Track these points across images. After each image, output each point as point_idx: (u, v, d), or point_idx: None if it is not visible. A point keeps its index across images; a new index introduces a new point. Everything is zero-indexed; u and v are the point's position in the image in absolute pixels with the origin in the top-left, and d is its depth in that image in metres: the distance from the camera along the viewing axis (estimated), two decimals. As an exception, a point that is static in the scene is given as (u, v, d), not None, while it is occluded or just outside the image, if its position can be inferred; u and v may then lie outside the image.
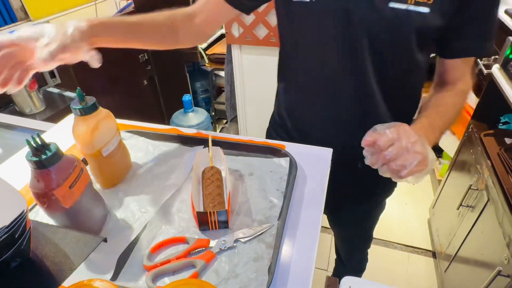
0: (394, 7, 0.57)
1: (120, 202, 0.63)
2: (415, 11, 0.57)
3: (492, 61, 1.30)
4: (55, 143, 0.49)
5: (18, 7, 1.73)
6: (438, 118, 0.66)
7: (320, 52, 0.67)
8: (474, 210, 1.20)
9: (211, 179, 0.63)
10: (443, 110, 0.67)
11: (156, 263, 0.51)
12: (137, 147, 0.77)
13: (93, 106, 0.59)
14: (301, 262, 0.52)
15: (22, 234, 0.35)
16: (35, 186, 0.47)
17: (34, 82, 1.25)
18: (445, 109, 0.67)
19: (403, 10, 0.57)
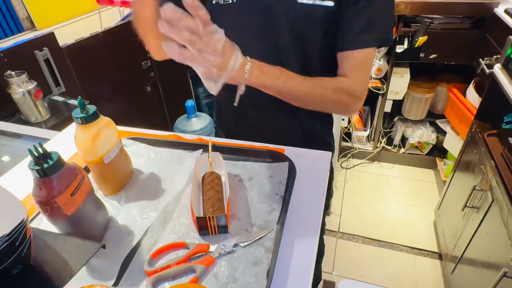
0: (303, 2, 0.65)
1: (122, 208, 0.64)
2: (321, 5, 0.64)
3: (494, 61, 1.30)
4: (56, 151, 0.50)
5: (24, 16, 1.77)
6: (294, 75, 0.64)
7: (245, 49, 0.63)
8: (479, 211, 1.19)
9: (211, 184, 0.64)
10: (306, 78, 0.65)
11: (156, 269, 0.52)
12: (139, 153, 0.78)
13: (94, 115, 0.60)
14: (300, 266, 0.52)
15: (23, 241, 0.36)
16: (38, 194, 0.48)
17: (39, 91, 1.27)
18: (310, 79, 0.66)
19: (310, 5, 0.65)
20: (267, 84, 0.61)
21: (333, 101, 0.69)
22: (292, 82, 0.63)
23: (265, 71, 0.60)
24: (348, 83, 0.69)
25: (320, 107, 0.71)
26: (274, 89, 0.63)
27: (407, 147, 2.21)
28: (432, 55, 1.74)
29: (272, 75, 0.61)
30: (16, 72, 1.23)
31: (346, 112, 0.75)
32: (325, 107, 0.72)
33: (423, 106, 2.02)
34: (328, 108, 0.73)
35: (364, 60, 0.69)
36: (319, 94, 0.67)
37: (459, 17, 1.65)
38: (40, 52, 1.37)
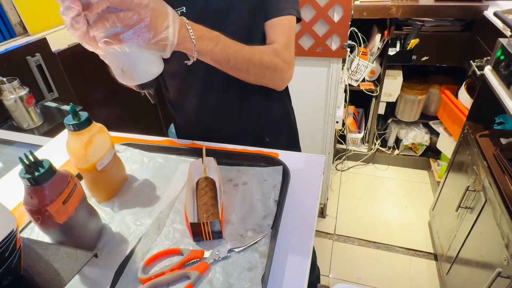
0: None
1: (115, 215, 0.63)
2: None
3: (485, 63, 1.31)
4: (48, 159, 0.49)
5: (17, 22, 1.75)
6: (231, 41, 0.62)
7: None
8: (473, 212, 1.20)
9: (205, 190, 0.64)
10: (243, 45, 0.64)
11: (150, 276, 0.51)
12: (132, 159, 0.77)
13: (86, 121, 0.59)
14: (295, 270, 0.52)
15: (13, 252, 0.35)
16: (29, 203, 0.47)
17: (31, 97, 1.26)
18: (247, 46, 0.65)
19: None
20: (205, 50, 0.56)
21: (270, 67, 0.69)
22: (231, 49, 0.61)
23: (204, 35, 0.56)
24: (279, 47, 0.71)
25: (258, 75, 0.69)
26: (211, 57, 0.59)
27: (401, 149, 2.23)
28: (424, 57, 1.76)
29: (211, 40, 0.57)
30: (8, 78, 1.22)
31: (281, 82, 0.76)
32: (263, 76, 0.70)
33: (416, 107, 2.03)
34: (265, 77, 0.71)
35: (288, 27, 0.73)
36: (258, 60, 0.66)
37: (450, 20, 1.67)
38: (32, 58, 1.37)
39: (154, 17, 0.45)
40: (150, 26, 0.45)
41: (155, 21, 0.45)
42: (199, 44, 0.55)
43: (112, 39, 0.44)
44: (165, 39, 0.48)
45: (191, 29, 0.53)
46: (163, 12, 0.47)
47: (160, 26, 0.46)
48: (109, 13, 0.42)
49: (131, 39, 0.44)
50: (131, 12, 0.43)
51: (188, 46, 0.54)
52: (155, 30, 0.46)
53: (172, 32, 0.48)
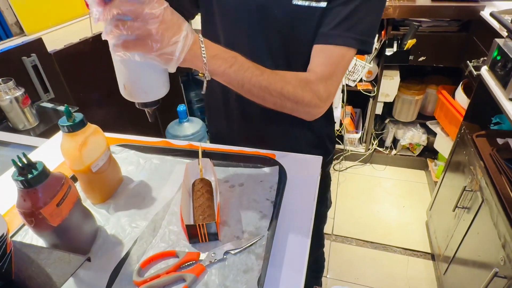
0: (298, 4, 0.63)
1: (111, 217, 0.63)
2: (316, 6, 0.63)
3: (481, 63, 1.32)
4: (41, 161, 0.49)
5: (13, 22, 1.74)
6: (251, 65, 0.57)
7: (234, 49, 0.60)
8: (470, 212, 1.20)
9: (201, 191, 0.64)
10: (266, 70, 0.59)
11: (145, 279, 0.51)
12: (128, 160, 0.77)
13: (80, 123, 0.59)
14: (291, 272, 0.52)
15: (3, 257, 0.35)
16: (22, 206, 0.47)
17: (27, 97, 1.25)
18: (271, 72, 0.59)
19: (305, 7, 0.63)
20: (217, 71, 0.54)
21: (293, 99, 0.61)
22: (247, 73, 0.56)
23: (218, 55, 0.53)
24: (313, 79, 0.62)
25: (276, 105, 0.62)
26: (224, 79, 0.56)
27: (398, 149, 2.23)
28: (421, 57, 1.76)
29: (226, 60, 0.54)
30: (3, 78, 1.21)
31: (306, 115, 0.66)
32: (283, 107, 0.62)
33: (413, 108, 2.04)
34: (286, 108, 0.63)
35: (339, 59, 0.64)
36: (278, 90, 0.59)
37: (446, 20, 1.67)
38: (28, 58, 1.36)
39: (163, 30, 0.45)
40: (156, 38, 0.45)
41: (163, 34, 0.45)
42: (211, 64, 0.52)
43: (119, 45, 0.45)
44: (171, 53, 0.47)
45: (203, 48, 0.51)
46: (176, 26, 0.47)
47: (167, 39, 0.46)
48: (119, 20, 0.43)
49: (134, 46, 0.45)
50: (139, 21, 0.43)
51: (199, 65, 0.52)
52: (162, 42, 0.45)
53: (180, 48, 0.47)
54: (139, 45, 0.45)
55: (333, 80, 0.64)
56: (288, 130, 0.82)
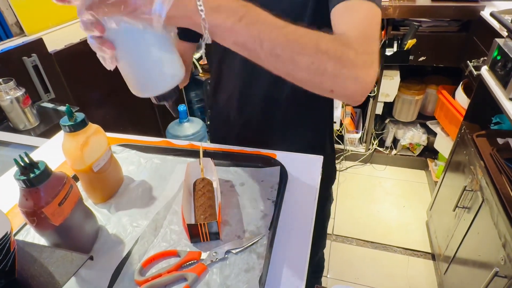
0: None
1: (112, 216, 0.63)
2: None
3: (481, 63, 1.32)
4: (43, 161, 0.49)
5: (13, 22, 1.74)
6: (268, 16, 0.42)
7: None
8: (470, 211, 1.20)
9: (202, 191, 0.64)
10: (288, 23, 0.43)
11: (147, 278, 0.51)
12: (129, 160, 0.77)
13: (82, 122, 0.59)
14: (292, 271, 0.52)
15: (7, 255, 0.35)
16: (24, 205, 0.47)
17: (27, 98, 1.25)
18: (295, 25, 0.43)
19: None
20: (222, 27, 0.40)
21: (334, 56, 0.43)
22: (265, 26, 0.41)
23: (222, 5, 0.39)
24: (354, 36, 0.47)
25: (313, 69, 0.42)
26: (233, 38, 0.41)
27: (398, 149, 2.23)
28: (421, 57, 1.76)
29: (233, 12, 0.40)
30: (4, 79, 1.21)
31: (354, 83, 0.45)
32: (322, 71, 0.43)
33: (413, 108, 2.04)
34: (326, 72, 0.43)
35: (370, 15, 0.50)
36: (312, 45, 0.42)
37: (446, 20, 1.67)
38: (28, 59, 1.36)
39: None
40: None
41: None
42: (213, 18, 0.39)
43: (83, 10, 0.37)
44: (148, 12, 0.37)
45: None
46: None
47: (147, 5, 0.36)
48: None
49: (98, 8, 0.36)
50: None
51: (195, 21, 0.39)
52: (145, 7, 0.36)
53: (159, 2, 0.36)
54: (108, 6, 0.36)
55: (374, 39, 0.49)
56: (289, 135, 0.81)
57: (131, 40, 0.41)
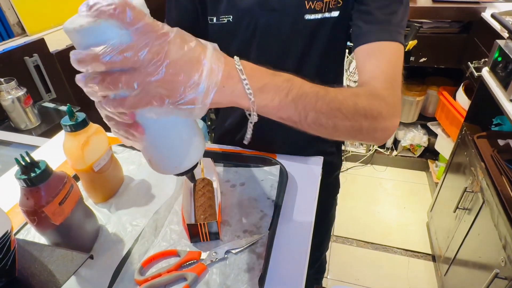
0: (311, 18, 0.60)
1: (112, 216, 0.63)
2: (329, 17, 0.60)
3: (482, 64, 1.32)
4: (44, 160, 0.49)
5: (15, 22, 1.74)
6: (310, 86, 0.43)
7: None
8: (471, 213, 1.20)
9: (203, 191, 0.64)
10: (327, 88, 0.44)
11: (147, 277, 0.51)
12: (130, 160, 0.77)
13: (83, 122, 0.59)
14: (292, 272, 0.52)
15: (7, 254, 0.35)
16: (25, 204, 0.47)
17: (29, 97, 1.26)
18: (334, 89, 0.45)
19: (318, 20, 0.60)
20: (270, 106, 0.39)
21: (370, 115, 0.46)
22: (310, 98, 0.41)
23: (268, 84, 0.38)
24: (379, 85, 0.50)
25: (351, 131, 0.46)
26: (279, 114, 0.41)
27: (399, 150, 2.23)
28: (422, 58, 1.76)
29: (279, 89, 0.39)
30: (5, 78, 1.21)
31: (383, 134, 0.50)
32: (358, 130, 0.46)
33: (414, 109, 2.04)
34: (362, 132, 0.47)
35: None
36: (351, 108, 0.44)
37: (447, 21, 1.67)
38: (30, 58, 1.36)
39: (172, 75, 0.32)
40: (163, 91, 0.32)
41: (172, 81, 0.32)
42: (261, 100, 0.38)
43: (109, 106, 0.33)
44: (190, 101, 0.33)
45: (245, 79, 0.36)
46: (191, 61, 0.33)
47: (180, 86, 0.32)
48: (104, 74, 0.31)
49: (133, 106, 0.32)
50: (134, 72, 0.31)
51: (243, 103, 0.37)
52: (173, 93, 0.32)
53: (203, 91, 0.33)
54: (142, 103, 0.32)
55: (397, 83, 0.53)
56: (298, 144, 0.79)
57: (162, 126, 0.38)
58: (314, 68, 0.67)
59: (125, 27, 0.30)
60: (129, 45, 0.30)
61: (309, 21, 0.61)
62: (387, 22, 0.55)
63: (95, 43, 0.30)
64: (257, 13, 0.62)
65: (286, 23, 0.62)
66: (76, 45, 0.32)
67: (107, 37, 0.30)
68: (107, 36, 0.30)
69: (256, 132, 0.83)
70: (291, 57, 0.66)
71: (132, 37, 0.30)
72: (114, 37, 0.30)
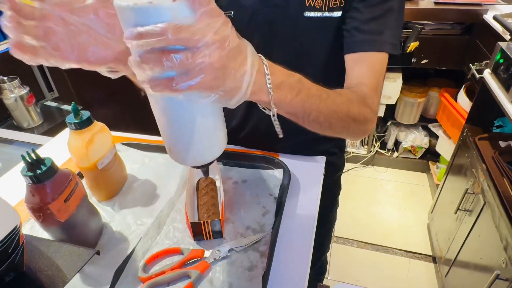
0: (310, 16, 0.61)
1: (116, 214, 0.63)
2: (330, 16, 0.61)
3: (484, 66, 1.32)
4: (49, 157, 0.49)
5: (17, 22, 1.76)
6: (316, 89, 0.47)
7: None
8: (472, 214, 1.20)
9: (206, 190, 0.64)
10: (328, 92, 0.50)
11: (151, 275, 0.52)
12: (133, 159, 0.77)
13: (87, 120, 0.60)
14: (295, 270, 0.52)
15: (16, 248, 0.36)
16: (30, 201, 0.47)
17: (31, 96, 1.26)
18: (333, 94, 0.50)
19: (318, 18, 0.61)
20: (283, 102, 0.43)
21: (358, 119, 0.54)
22: (314, 99, 0.46)
23: (285, 82, 0.42)
24: (368, 92, 0.57)
25: (340, 130, 0.54)
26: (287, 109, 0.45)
27: (400, 151, 2.23)
28: (423, 60, 1.76)
29: (292, 88, 0.43)
30: (8, 77, 1.22)
31: (363, 133, 0.59)
32: (346, 130, 0.55)
33: (415, 110, 2.04)
34: (348, 131, 0.56)
35: (381, 66, 0.59)
36: (344, 112, 0.51)
37: (449, 23, 1.68)
38: (33, 57, 1.36)
39: (227, 60, 0.32)
40: (218, 74, 0.32)
41: (226, 66, 0.33)
42: (277, 95, 0.41)
43: (161, 86, 0.32)
44: (236, 88, 0.35)
45: (268, 75, 0.39)
46: (240, 51, 0.34)
47: (233, 72, 0.34)
48: (162, 52, 0.30)
49: (185, 88, 0.31)
50: (195, 51, 0.30)
51: (262, 98, 0.40)
52: (225, 78, 0.33)
53: (248, 80, 0.35)
54: (196, 86, 0.32)
55: (380, 90, 0.60)
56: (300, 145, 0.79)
57: (194, 113, 0.38)
58: (317, 68, 0.68)
59: (195, 8, 0.30)
60: (198, 26, 0.30)
61: (309, 19, 0.62)
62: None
63: (160, 21, 0.29)
64: (258, 9, 0.64)
65: (287, 19, 0.63)
66: (133, 22, 0.30)
67: (170, 17, 0.29)
68: (169, 16, 0.29)
69: (259, 132, 0.83)
70: (293, 55, 0.67)
71: (200, 18, 0.30)
72: (180, 17, 0.30)
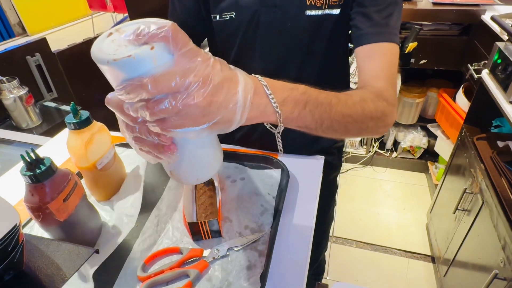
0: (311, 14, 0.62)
1: (115, 214, 0.63)
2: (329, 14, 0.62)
3: (482, 66, 1.33)
4: (49, 157, 0.50)
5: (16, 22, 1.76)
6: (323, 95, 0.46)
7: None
8: (470, 214, 1.21)
9: (204, 189, 0.64)
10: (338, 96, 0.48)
11: (150, 274, 0.52)
12: (132, 159, 0.77)
13: (87, 120, 0.60)
14: (293, 269, 0.52)
15: (15, 247, 0.36)
16: (30, 200, 0.47)
17: (30, 96, 1.26)
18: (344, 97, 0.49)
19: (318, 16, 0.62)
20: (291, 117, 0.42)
21: (375, 116, 0.51)
22: (324, 107, 0.45)
23: (289, 97, 0.41)
24: (383, 86, 0.55)
25: (358, 131, 0.52)
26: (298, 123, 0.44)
27: (399, 151, 2.24)
28: (422, 60, 1.77)
29: (297, 101, 0.42)
30: (7, 77, 1.22)
31: (384, 129, 0.55)
32: (364, 130, 0.52)
33: (414, 110, 2.05)
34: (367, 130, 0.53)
35: (393, 57, 0.58)
36: (359, 113, 0.49)
37: (447, 23, 1.68)
38: (32, 58, 1.37)
39: (212, 95, 0.32)
40: (205, 112, 0.32)
41: (212, 101, 0.33)
42: (282, 112, 0.40)
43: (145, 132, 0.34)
44: (228, 120, 0.35)
45: (271, 94, 0.39)
46: (228, 80, 0.34)
47: (220, 105, 0.33)
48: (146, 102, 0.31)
49: (172, 126, 0.32)
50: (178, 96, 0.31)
51: (269, 119, 0.40)
52: (212, 113, 0.33)
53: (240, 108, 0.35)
54: (182, 124, 0.32)
55: (395, 81, 0.58)
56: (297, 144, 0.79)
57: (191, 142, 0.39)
58: (318, 66, 0.68)
59: (172, 52, 0.30)
60: (176, 70, 0.30)
61: (310, 17, 0.63)
62: (385, 25, 0.59)
63: (144, 72, 0.30)
64: (258, 9, 0.64)
65: (288, 19, 0.64)
66: (117, 75, 0.31)
67: (151, 65, 0.29)
68: (150, 65, 0.30)
69: (258, 131, 0.84)
70: (294, 54, 0.68)
71: (177, 61, 0.31)
72: (160, 63, 0.30)
